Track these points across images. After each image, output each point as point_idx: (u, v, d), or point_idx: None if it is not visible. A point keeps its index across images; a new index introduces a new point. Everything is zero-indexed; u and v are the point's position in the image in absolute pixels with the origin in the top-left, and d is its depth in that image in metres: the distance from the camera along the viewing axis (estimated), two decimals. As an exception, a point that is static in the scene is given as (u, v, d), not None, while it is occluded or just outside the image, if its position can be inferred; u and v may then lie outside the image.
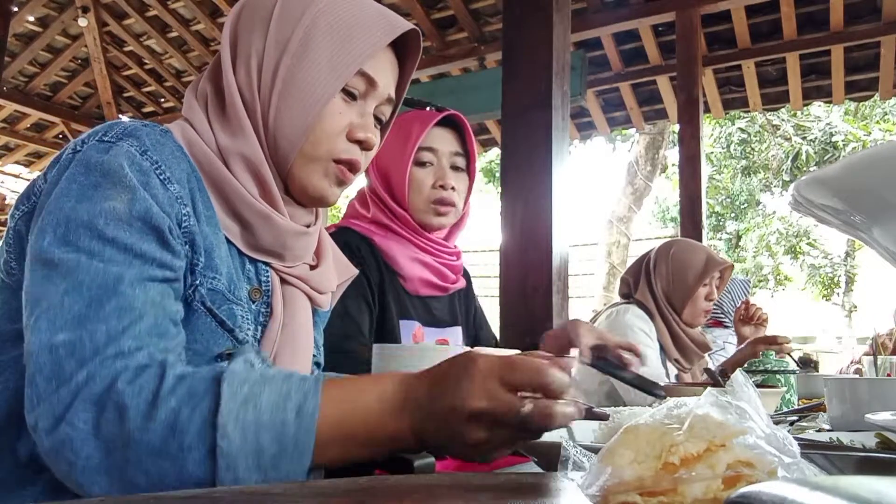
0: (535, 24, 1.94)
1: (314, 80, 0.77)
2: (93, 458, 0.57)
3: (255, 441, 0.57)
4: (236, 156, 0.77)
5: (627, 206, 8.30)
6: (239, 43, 0.80)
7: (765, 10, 4.07)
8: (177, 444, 0.56)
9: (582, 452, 0.46)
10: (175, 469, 0.56)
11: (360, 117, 0.82)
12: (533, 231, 1.82)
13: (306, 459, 0.58)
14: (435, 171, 1.38)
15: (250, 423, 0.57)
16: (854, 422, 1.00)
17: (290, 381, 0.61)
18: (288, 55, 0.77)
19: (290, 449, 0.58)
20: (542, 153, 1.83)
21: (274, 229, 0.79)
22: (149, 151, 0.70)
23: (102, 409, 0.58)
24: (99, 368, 0.59)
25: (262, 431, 0.57)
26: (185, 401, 0.58)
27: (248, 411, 0.57)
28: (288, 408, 0.59)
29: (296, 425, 0.58)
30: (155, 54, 5.63)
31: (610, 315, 2.20)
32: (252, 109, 0.78)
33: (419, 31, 0.86)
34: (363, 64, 0.79)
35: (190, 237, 0.71)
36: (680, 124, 4.09)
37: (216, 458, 0.56)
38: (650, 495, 0.39)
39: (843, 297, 13.58)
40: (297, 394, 0.60)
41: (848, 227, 0.54)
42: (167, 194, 0.69)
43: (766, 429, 0.41)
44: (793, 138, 12.12)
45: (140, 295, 0.64)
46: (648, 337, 2.12)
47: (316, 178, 0.81)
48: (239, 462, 0.56)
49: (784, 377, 1.78)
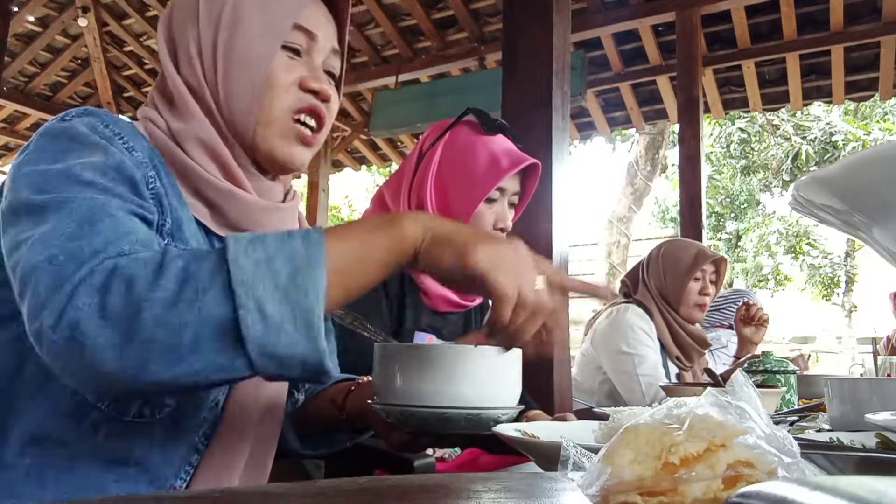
0: (535, 24, 1.94)
1: (251, 46, 0.78)
2: (104, 333, 0.55)
3: (268, 268, 0.56)
4: (191, 139, 0.78)
5: (627, 206, 8.31)
6: (176, 42, 0.82)
7: (765, 10, 4.07)
8: (192, 290, 0.55)
9: (582, 452, 0.46)
10: (194, 314, 0.55)
11: (310, 70, 0.82)
12: (533, 231, 1.82)
13: (321, 272, 0.57)
14: (498, 210, 1.35)
15: (260, 256, 0.57)
16: (854, 422, 1.00)
17: (286, 231, 0.62)
18: (222, 31, 0.79)
19: (303, 266, 0.57)
20: (542, 153, 1.83)
21: (240, 205, 0.80)
22: (110, 125, 0.72)
23: (108, 289, 0.56)
24: (101, 263, 0.58)
25: (273, 260, 0.57)
26: (191, 259, 0.57)
27: (255, 248, 0.57)
28: (293, 237, 0.59)
29: (304, 247, 0.58)
30: (155, 54, 5.63)
31: (610, 314, 2.20)
32: (201, 95, 0.80)
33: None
34: (296, 18, 0.80)
35: (157, 198, 0.72)
36: (680, 124, 4.10)
37: (234, 290, 0.55)
38: (650, 495, 0.39)
39: (843, 297, 13.58)
40: (298, 232, 0.60)
41: (848, 227, 0.54)
42: (133, 158, 0.71)
43: (766, 429, 0.41)
44: (793, 138, 12.13)
45: (127, 221, 0.65)
46: (648, 336, 2.12)
47: (277, 143, 0.81)
48: (257, 285, 0.55)
49: (784, 377, 1.77)
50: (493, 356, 0.69)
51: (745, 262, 13.54)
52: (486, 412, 0.69)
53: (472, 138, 1.36)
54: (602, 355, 2.18)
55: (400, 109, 4.80)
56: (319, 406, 0.92)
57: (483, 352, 0.69)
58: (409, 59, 4.84)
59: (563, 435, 0.74)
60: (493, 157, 1.33)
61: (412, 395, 0.68)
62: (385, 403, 0.71)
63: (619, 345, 2.11)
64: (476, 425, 0.69)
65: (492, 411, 0.69)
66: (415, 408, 0.68)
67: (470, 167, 1.33)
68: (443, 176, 1.35)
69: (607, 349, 2.16)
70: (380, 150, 6.06)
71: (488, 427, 0.70)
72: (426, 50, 4.83)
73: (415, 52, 4.87)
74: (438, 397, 0.67)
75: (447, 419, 0.67)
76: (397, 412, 0.69)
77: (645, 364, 2.06)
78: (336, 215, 15.31)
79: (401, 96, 4.85)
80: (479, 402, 0.68)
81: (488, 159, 1.33)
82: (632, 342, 2.09)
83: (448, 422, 0.67)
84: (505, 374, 0.71)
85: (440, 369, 0.68)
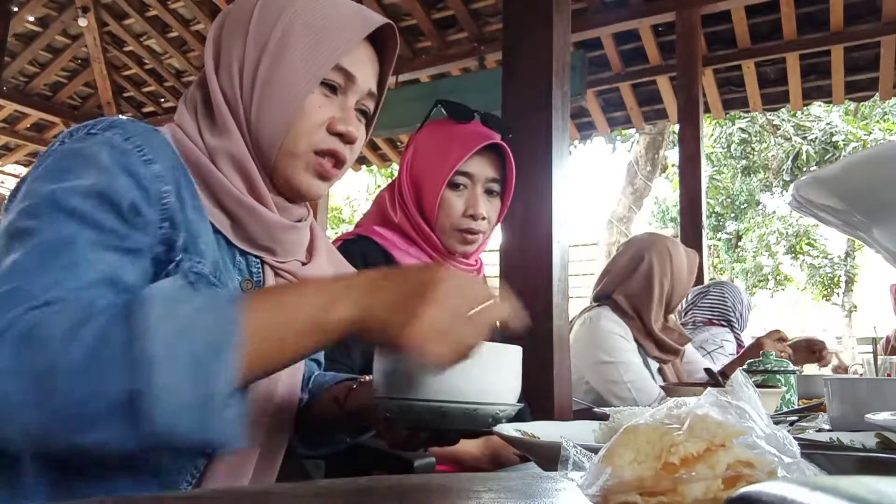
0: (535, 24, 1.94)
1: (291, 78, 0.80)
2: (14, 392, 0.53)
3: (179, 346, 0.55)
4: (223, 154, 0.80)
5: (627, 206, 8.31)
6: (222, 50, 0.83)
7: (765, 10, 4.07)
8: (99, 363, 0.54)
9: (582, 452, 0.46)
10: (98, 387, 0.54)
11: (341, 111, 0.84)
12: (533, 231, 1.82)
13: (231, 356, 0.56)
14: (468, 197, 1.34)
15: (173, 331, 0.55)
16: (854, 422, 1.00)
17: (209, 295, 0.62)
18: (266, 56, 0.80)
19: (213, 349, 0.56)
20: (542, 153, 1.83)
21: (262, 222, 0.81)
22: (132, 137, 0.72)
23: (24, 343, 0.55)
24: (24, 314, 0.57)
25: (185, 337, 0.55)
26: (106, 321, 0.56)
27: (168, 321, 0.56)
28: (209, 311, 0.58)
29: (217, 327, 0.57)
30: (155, 54, 5.63)
31: (584, 322, 2.13)
32: (235, 110, 0.81)
33: (394, 25, 0.88)
34: (339, 60, 0.81)
35: (168, 214, 0.72)
36: (680, 124, 4.10)
37: (143, 367, 0.54)
38: (650, 495, 0.39)
39: (843, 297, 13.59)
40: (218, 304, 0.59)
41: (848, 227, 0.54)
42: (148, 171, 0.71)
43: (766, 429, 0.41)
44: (793, 138, 12.13)
45: (91, 256, 0.64)
46: (624, 339, 2.07)
47: (297, 173, 0.83)
48: (165, 366, 0.54)
49: (784, 377, 1.77)
50: (492, 352, 0.69)
51: (744, 262, 13.54)
52: (484, 408, 0.68)
53: (442, 128, 1.36)
54: (583, 366, 2.11)
55: (400, 109, 4.79)
56: (322, 405, 0.92)
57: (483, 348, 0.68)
58: (409, 59, 4.84)
59: (563, 435, 0.74)
60: (454, 140, 1.33)
61: (410, 388, 0.68)
62: (383, 397, 0.70)
63: (598, 355, 2.06)
64: (473, 421, 0.68)
65: (489, 407, 0.69)
66: (412, 401, 0.67)
67: (433, 155, 1.34)
68: (414, 168, 1.36)
69: (587, 360, 2.10)
70: (380, 150, 6.06)
71: (486, 423, 0.70)
72: (426, 50, 4.83)
73: (415, 52, 4.87)
74: (436, 392, 0.67)
75: (444, 413, 0.67)
76: (395, 406, 0.69)
77: (630, 370, 2.02)
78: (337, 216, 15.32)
79: (401, 96, 4.85)
80: (477, 397, 0.68)
81: (450, 144, 1.33)
82: (610, 350, 2.04)
83: (445, 416, 0.67)
84: (504, 370, 0.71)
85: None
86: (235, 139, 0.80)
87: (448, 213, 1.34)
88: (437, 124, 1.40)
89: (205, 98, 0.83)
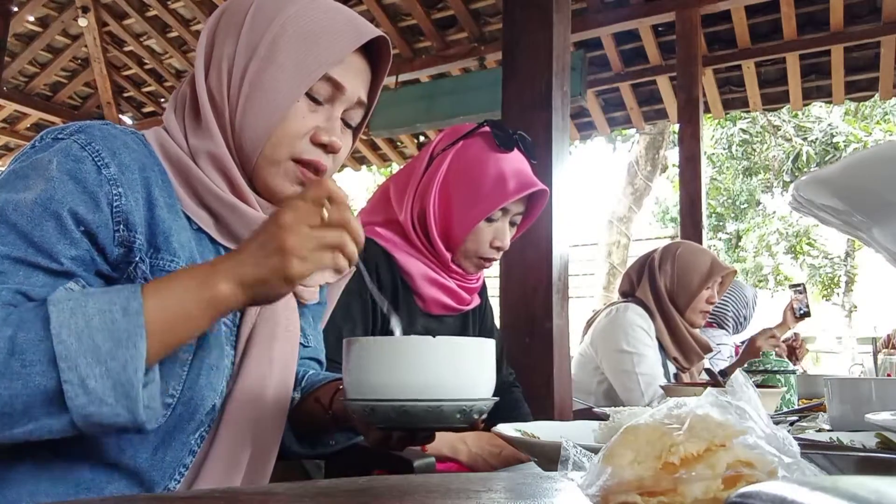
0: (535, 24, 1.94)
1: (278, 84, 0.79)
2: None
3: (90, 341, 0.60)
4: (204, 154, 0.80)
5: (627, 206, 8.30)
6: (214, 49, 0.83)
7: (765, 10, 4.07)
8: (18, 363, 0.58)
9: (582, 452, 0.46)
10: (21, 386, 0.58)
11: (326, 121, 0.83)
12: (533, 231, 1.82)
13: (141, 345, 0.61)
14: (497, 228, 1.34)
15: (82, 327, 0.60)
16: (854, 422, 1.00)
17: (110, 291, 0.64)
18: (256, 59, 0.80)
19: (123, 339, 0.61)
20: (542, 153, 1.83)
21: (244, 219, 0.81)
22: (93, 143, 0.72)
23: None
24: None
25: (94, 333, 0.60)
26: (18, 326, 0.60)
27: (77, 319, 0.60)
28: (114, 307, 0.62)
29: (125, 319, 0.62)
30: (155, 54, 5.63)
31: (610, 313, 2.21)
32: (221, 111, 0.81)
33: (388, 38, 0.88)
34: (329, 69, 0.81)
35: (122, 216, 0.72)
36: (680, 124, 4.09)
37: (58, 364, 0.59)
38: (650, 495, 0.39)
39: (843, 297, 13.58)
40: (119, 298, 0.63)
41: (848, 227, 0.54)
42: (98, 177, 0.71)
43: (766, 429, 0.41)
44: (794, 139, 12.13)
45: (11, 271, 0.66)
46: (647, 335, 2.13)
47: (275, 179, 0.83)
48: (79, 360, 0.59)
49: (784, 377, 1.78)
50: (448, 347, 0.67)
51: (745, 262, 13.54)
52: (448, 404, 0.66)
53: (485, 153, 1.33)
54: (601, 354, 2.19)
55: (400, 109, 4.80)
56: (308, 406, 0.92)
57: (443, 342, 0.66)
58: (409, 59, 4.84)
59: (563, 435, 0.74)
60: (501, 177, 1.30)
61: (373, 389, 0.66)
62: (349, 399, 0.69)
63: (618, 343, 2.12)
64: (440, 417, 0.66)
65: (455, 403, 0.66)
66: (375, 402, 0.66)
67: (476, 183, 1.31)
68: (448, 185, 1.33)
69: (606, 347, 2.17)
70: (380, 150, 6.05)
71: (455, 419, 0.67)
72: (426, 50, 4.83)
73: (415, 52, 4.86)
74: (397, 391, 0.65)
75: (407, 412, 0.65)
76: (360, 407, 0.67)
77: (644, 363, 2.07)
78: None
79: (401, 96, 4.85)
80: (439, 394, 0.65)
81: (496, 178, 1.30)
82: (631, 340, 2.10)
83: (409, 415, 0.65)
84: (465, 364, 0.68)
85: (398, 361, 0.66)
86: (218, 141, 0.80)
87: (476, 241, 1.33)
88: (476, 146, 1.35)
89: (193, 96, 0.83)
